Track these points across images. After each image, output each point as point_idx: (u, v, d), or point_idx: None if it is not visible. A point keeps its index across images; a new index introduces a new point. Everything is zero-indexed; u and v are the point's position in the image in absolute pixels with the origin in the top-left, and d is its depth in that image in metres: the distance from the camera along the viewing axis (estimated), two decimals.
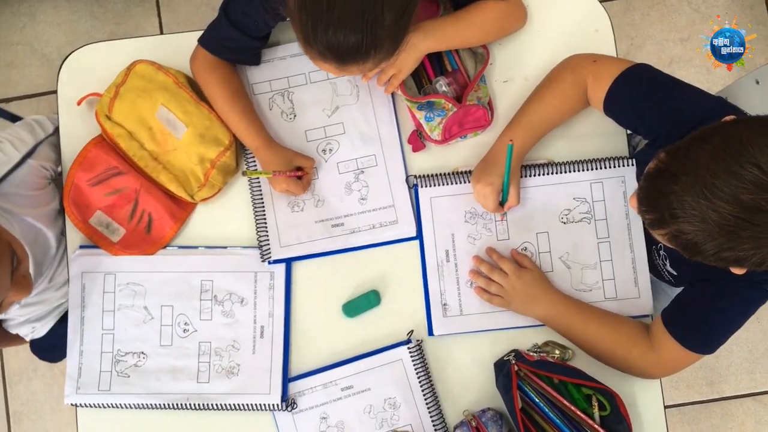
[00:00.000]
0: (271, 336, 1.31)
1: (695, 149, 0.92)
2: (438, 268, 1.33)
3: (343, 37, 1.03)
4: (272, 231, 1.34)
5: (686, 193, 0.90)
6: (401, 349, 1.30)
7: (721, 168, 0.88)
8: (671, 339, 1.19)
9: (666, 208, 0.93)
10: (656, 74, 1.20)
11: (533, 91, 1.30)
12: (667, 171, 0.94)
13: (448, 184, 1.34)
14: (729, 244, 0.90)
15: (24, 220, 1.26)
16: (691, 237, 0.92)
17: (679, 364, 1.22)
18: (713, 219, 0.89)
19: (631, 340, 1.24)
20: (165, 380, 1.31)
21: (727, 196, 0.88)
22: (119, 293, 1.34)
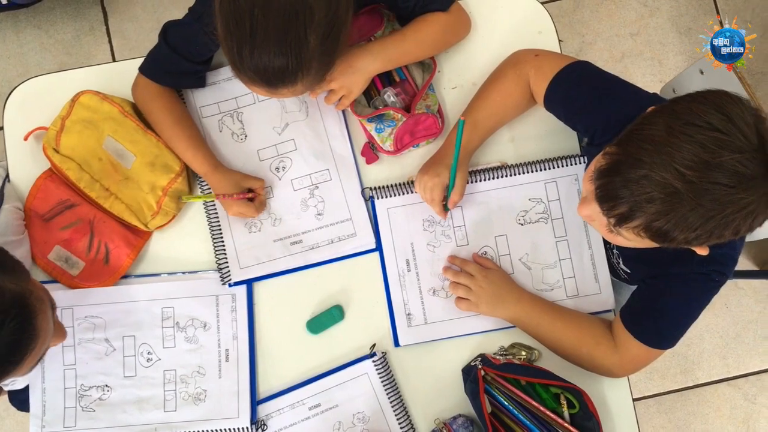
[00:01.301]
0: (237, 359, 1.30)
1: (647, 131, 0.92)
2: (400, 278, 1.33)
3: (268, 60, 1.03)
4: (231, 253, 1.33)
5: (655, 172, 0.89)
6: (366, 362, 1.30)
7: (680, 140, 0.88)
8: (632, 338, 1.20)
9: (632, 197, 0.92)
10: (595, 71, 1.21)
11: (479, 89, 1.31)
12: (625, 160, 0.93)
13: (404, 194, 1.34)
14: (700, 220, 0.90)
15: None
16: (662, 223, 0.91)
17: (643, 361, 1.23)
18: (681, 190, 0.88)
19: (595, 339, 1.25)
20: (131, 412, 1.29)
21: (693, 164, 0.87)
22: (78, 327, 1.32)
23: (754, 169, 0.87)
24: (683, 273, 1.12)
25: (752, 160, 0.87)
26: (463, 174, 1.27)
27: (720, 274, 1.12)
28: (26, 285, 1.00)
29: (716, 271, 1.12)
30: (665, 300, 1.17)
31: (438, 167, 1.27)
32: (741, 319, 2.29)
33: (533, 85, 1.27)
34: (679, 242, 0.94)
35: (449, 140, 1.30)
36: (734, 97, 0.91)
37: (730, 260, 1.13)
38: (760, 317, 2.29)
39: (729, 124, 0.88)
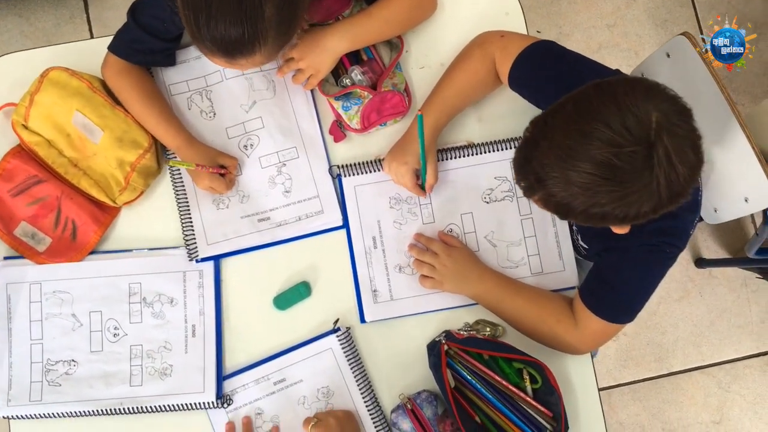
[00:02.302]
0: (203, 334, 1.31)
1: (552, 116, 0.97)
2: (366, 255, 1.34)
3: (224, 29, 1.05)
4: (198, 229, 1.33)
5: (546, 156, 0.94)
6: (330, 338, 1.31)
7: (573, 130, 0.92)
8: (590, 313, 1.21)
9: (532, 174, 0.97)
10: (558, 50, 1.23)
11: (446, 69, 1.33)
12: (531, 139, 0.99)
13: (371, 172, 1.35)
14: (591, 200, 0.93)
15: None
16: (558, 199, 0.96)
17: (602, 336, 1.24)
18: (572, 179, 0.92)
19: (555, 316, 1.26)
20: (97, 386, 1.30)
21: (581, 155, 0.91)
22: (46, 302, 1.33)
23: (632, 163, 0.89)
24: (634, 245, 1.13)
25: (631, 154, 0.89)
26: (433, 157, 1.29)
27: (671, 245, 1.14)
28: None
29: (667, 243, 1.13)
30: (619, 273, 1.18)
31: (405, 156, 1.29)
32: (715, 308, 2.32)
33: (498, 65, 1.28)
34: (579, 219, 0.98)
35: (413, 128, 1.31)
36: (644, 87, 0.93)
37: (682, 232, 1.15)
38: (734, 306, 2.31)
39: (617, 117, 0.89)
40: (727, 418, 2.28)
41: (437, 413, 1.27)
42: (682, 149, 0.90)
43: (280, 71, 1.34)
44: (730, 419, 2.28)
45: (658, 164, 0.89)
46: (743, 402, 2.28)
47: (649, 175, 0.90)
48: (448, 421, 1.27)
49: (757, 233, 1.68)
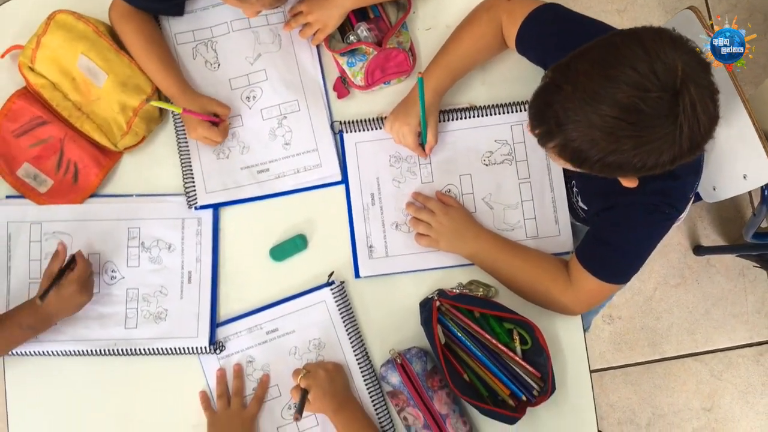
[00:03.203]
0: (199, 281, 1.32)
1: (576, 61, 0.97)
2: (364, 212, 1.35)
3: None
4: (198, 177, 1.34)
5: (569, 100, 0.94)
6: (324, 291, 1.32)
7: (599, 73, 0.92)
8: (585, 273, 1.22)
9: (553, 119, 0.97)
10: (566, 12, 1.23)
11: (452, 32, 1.33)
12: (552, 84, 0.98)
13: (372, 130, 1.36)
14: (611, 147, 0.93)
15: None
16: (577, 144, 0.96)
17: (596, 296, 1.25)
18: (595, 123, 0.92)
19: (551, 276, 1.27)
20: (93, 327, 1.31)
21: (606, 98, 0.91)
22: (45, 242, 1.34)
23: (657, 108, 0.90)
24: (632, 203, 1.14)
25: (657, 100, 0.89)
26: (435, 118, 1.30)
27: (669, 206, 1.14)
28: None
29: (667, 204, 1.14)
30: (617, 232, 1.19)
31: (407, 116, 1.30)
32: (711, 296, 2.32)
33: (505, 29, 1.29)
34: (594, 168, 0.98)
35: (415, 89, 1.31)
36: (669, 37, 0.93)
37: (681, 195, 1.15)
38: (730, 295, 2.32)
39: (645, 62, 0.90)
40: (717, 406, 2.28)
41: (426, 369, 1.28)
42: (704, 100, 0.90)
43: (288, 25, 1.35)
44: (720, 407, 2.28)
45: (683, 112, 0.89)
46: (735, 390, 2.29)
47: (673, 123, 0.90)
48: (437, 377, 1.28)
49: (754, 213, 1.69)
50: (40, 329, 1.26)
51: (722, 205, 2.32)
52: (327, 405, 1.23)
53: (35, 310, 1.24)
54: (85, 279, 1.25)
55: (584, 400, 1.32)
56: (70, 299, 1.24)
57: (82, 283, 1.24)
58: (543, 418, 1.30)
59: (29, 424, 1.32)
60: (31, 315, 1.24)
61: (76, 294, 1.23)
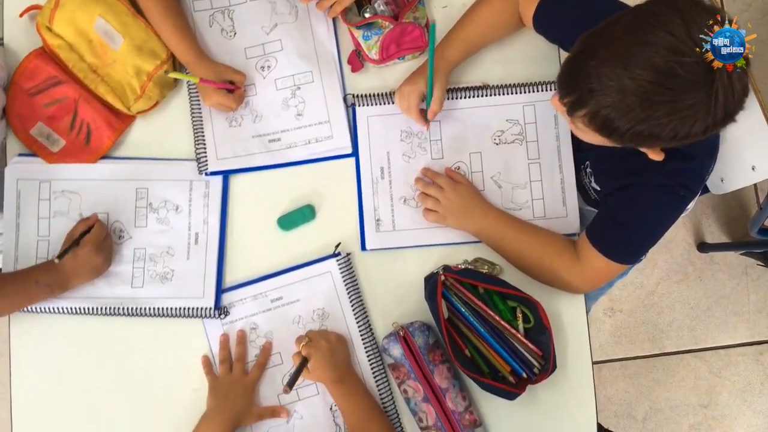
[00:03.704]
0: (206, 242, 1.33)
1: (610, 27, 0.96)
2: (373, 185, 1.36)
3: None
4: (210, 144, 1.35)
5: (603, 65, 0.93)
6: (330, 261, 1.32)
7: (634, 38, 0.91)
8: (594, 251, 1.22)
9: (585, 85, 0.95)
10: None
11: (469, 7, 1.33)
12: (585, 50, 0.97)
13: (385, 104, 1.37)
14: (644, 113, 0.92)
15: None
16: (608, 112, 0.95)
17: (603, 275, 1.26)
18: (629, 87, 0.91)
19: (558, 253, 1.27)
20: (100, 285, 1.32)
21: (642, 62, 0.90)
22: (54, 200, 1.35)
23: (694, 74, 0.89)
24: (648, 183, 1.13)
25: (694, 65, 0.89)
26: (442, 85, 1.30)
27: (685, 188, 1.14)
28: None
29: (682, 185, 1.14)
30: (630, 211, 1.19)
31: (416, 77, 1.31)
32: (713, 294, 2.32)
33: (522, 7, 1.29)
34: (625, 137, 0.97)
35: (439, 46, 1.32)
36: (704, 7, 0.93)
37: (697, 177, 1.15)
38: (733, 293, 2.32)
39: (682, 28, 0.89)
40: (715, 403, 2.29)
41: (428, 343, 1.28)
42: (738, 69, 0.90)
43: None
44: (717, 404, 2.29)
45: (719, 79, 0.89)
46: (733, 388, 2.29)
47: (709, 90, 0.89)
48: (438, 352, 1.29)
49: (760, 207, 1.69)
50: (56, 290, 1.26)
51: (728, 203, 2.32)
52: (326, 375, 1.23)
53: (52, 269, 1.25)
54: (100, 241, 1.27)
55: (584, 380, 1.32)
56: (85, 260, 1.25)
57: (97, 245, 1.26)
58: (542, 396, 1.31)
59: (31, 380, 1.33)
60: (47, 273, 1.25)
61: (91, 255, 1.25)
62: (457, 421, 1.25)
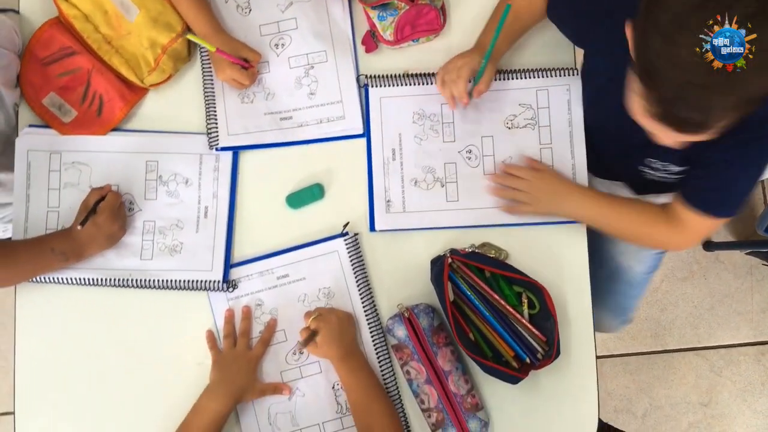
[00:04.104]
0: (215, 216, 1.33)
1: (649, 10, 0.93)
2: (384, 166, 1.36)
3: None
4: (221, 119, 1.35)
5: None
6: (338, 241, 1.33)
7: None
8: (694, 213, 1.21)
9: (651, 59, 0.92)
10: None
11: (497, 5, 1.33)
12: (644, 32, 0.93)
13: (398, 86, 1.37)
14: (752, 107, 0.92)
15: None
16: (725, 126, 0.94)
17: (706, 232, 1.26)
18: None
19: (653, 220, 1.27)
20: (109, 256, 1.32)
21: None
22: (65, 172, 1.35)
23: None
24: (750, 138, 1.10)
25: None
26: (493, 67, 1.29)
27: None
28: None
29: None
30: (725, 166, 1.16)
31: (472, 53, 1.30)
32: (718, 292, 2.32)
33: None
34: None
35: (483, 35, 1.32)
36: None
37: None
38: (737, 293, 2.32)
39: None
40: (715, 402, 2.29)
41: (433, 325, 1.28)
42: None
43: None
44: (718, 403, 2.29)
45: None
46: (733, 388, 2.29)
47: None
48: (443, 334, 1.29)
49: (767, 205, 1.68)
50: (71, 258, 1.27)
51: None
52: (333, 351, 1.24)
53: (69, 237, 1.26)
54: (115, 208, 1.28)
55: (587, 368, 1.33)
56: (103, 227, 1.26)
57: (113, 212, 1.27)
58: (544, 382, 1.31)
59: (36, 349, 1.34)
60: (64, 241, 1.26)
61: (108, 222, 1.25)
62: (458, 404, 1.26)
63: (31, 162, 1.35)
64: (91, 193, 1.30)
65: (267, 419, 1.29)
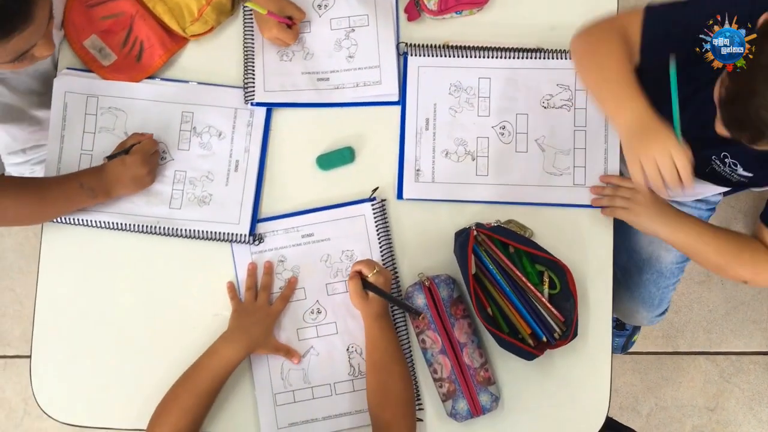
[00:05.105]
0: (245, 170, 1.34)
1: (756, 59, 0.94)
2: (416, 135, 1.36)
3: None
4: (258, 75, 1.36)
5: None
6: (365, 205, 1.33)
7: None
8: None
9: (759, 123, 0.93)
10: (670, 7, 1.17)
11: None
12: (740, 90, 0.95)
13: (437, 56, 1.37)
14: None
15: None
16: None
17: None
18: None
19: (752, 254, 1.25)
20: (138, 203, 1.33)
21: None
22: (101, 116, 1.36)
23: None
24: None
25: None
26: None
27: None
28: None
29: None
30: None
31: (658, 129, 1.10)
32: (734, 299, 2.30)
33: None
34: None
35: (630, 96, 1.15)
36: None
37: None
38: (753, 301, 2.30)
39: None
40: (721, 408, 2.28)
41: (452, 297, 1.29)
42: None
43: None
44: (724, 409, 2.28)
45: None
46: (741, 395, 2.28)
47: None
48: (461, 307, 1.29)
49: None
50: (99, 195, 1.28)
51: (758, 207, 2.29)
52: (374, 307, 1.24)
53: (97, 174, 1.27)
54: (149, 154, 1.29)
55: (602, 353, 1.33)
56: (131, 168, 1.27)
57: (145, 156, 1.28)
58: (558, 363, 1.31)
59: (57, 291, 1.35)
60: (92, 177, 1.27)
61: (137, 164, 1.26)
62: (471, 377, 1.26)
63: (67, 103, 1.36)
64: (132, 135, 1.32)
65: (280, 374, 1.30)
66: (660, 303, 1.64)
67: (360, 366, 1.30)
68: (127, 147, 1.28)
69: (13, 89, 1.31)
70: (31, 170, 1.58)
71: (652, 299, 1.62)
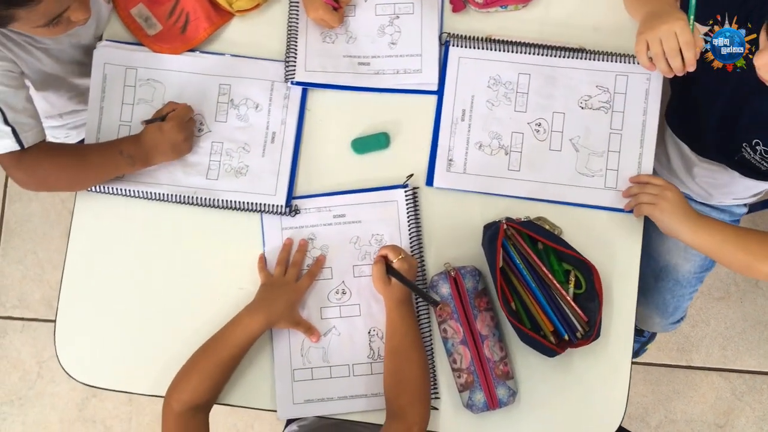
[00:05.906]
0: (282, 142, 1.35)
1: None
2: (452, 125, 1.36)
3: None
4: (300, 54, 1.37)
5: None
6: (398, 191, 1.34)
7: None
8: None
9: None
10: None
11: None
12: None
13: (479, 49, 1.37)
14: None
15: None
16: None
17: None
18: None
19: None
20: (175, 173, 1.35)
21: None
22: (140, 88, 1.37)
23: None
24: None
25: None
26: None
27: None
28: None
29: None
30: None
31: (672, 12, 1.10)
32: (751, 318, 2.29)
33: None
34: None
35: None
36: None
37: None
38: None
39: None
40: (731, 425, 2.27)
41: (477, 288, 1.29)
42: None
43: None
44: (734, 427, 2.27)
45: None
46: (752, 414, 2.27)
47: None
48: (485, 299, 1.30)
49: None
50: (138, 162, 1.29)
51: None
52: (397, 293, 1.25)
53: (136, 141, 1.29)
54: (184, 120, 1.30)
55: (622, 357, 1.32)
56: (168, 134, 1.28)
57: (180, 122, 1.29)
58: (577, 363, 1.31)
59: (86, 257, 1.37)
60: (131, 145, 1.29)
61: (174, 130, 1.28)
62: (490, 369, 1.26)
63: (107, 75, 1.37)
64: (168, 104, 1.33)
65: (300, 350, 1.31)
66: (675, 311, 1.63)
67: (380, 350, 1.31)
68: (163, 114, 1.29)
69: (55, 59, 1.32)
70: (66, 134, 1.60)
71: (666, 306, 1.62)
